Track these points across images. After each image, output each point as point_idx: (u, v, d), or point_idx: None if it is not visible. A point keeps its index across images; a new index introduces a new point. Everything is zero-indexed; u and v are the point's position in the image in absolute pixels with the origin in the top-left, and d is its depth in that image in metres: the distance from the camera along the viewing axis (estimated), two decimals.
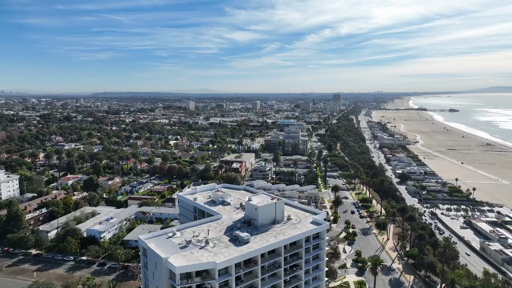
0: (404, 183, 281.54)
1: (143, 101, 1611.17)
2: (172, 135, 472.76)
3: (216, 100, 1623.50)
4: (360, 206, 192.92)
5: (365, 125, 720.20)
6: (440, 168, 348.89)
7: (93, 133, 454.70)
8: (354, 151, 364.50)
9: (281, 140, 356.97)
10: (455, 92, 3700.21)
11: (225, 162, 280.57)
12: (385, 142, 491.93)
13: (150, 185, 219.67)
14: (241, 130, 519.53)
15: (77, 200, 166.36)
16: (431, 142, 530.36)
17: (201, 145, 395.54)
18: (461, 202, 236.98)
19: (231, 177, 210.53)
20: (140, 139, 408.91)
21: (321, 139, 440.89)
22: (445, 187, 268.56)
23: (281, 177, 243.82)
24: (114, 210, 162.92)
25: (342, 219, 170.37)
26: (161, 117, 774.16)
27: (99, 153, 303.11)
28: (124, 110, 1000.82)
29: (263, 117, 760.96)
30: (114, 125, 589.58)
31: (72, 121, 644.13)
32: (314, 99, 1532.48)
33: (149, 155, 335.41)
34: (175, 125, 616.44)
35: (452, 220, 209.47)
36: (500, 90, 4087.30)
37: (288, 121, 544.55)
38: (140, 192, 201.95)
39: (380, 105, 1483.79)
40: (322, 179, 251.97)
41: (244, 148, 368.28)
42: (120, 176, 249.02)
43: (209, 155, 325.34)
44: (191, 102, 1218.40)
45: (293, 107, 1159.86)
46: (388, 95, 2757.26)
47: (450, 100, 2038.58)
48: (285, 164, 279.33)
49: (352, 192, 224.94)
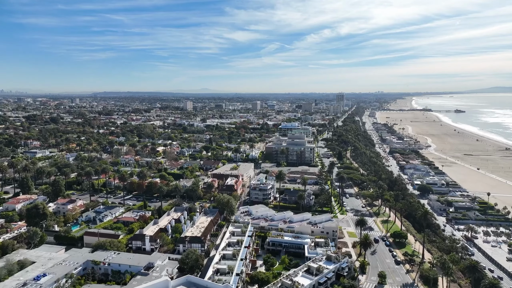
0: (425, 197, 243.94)
1: (141, 101, 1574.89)
2: (163, 139, 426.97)
3: (215, 100, 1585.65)
4: (391, 243, 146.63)
5: (371, 127, 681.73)
6: (462, 177, 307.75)
7: (72, 137, 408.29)
8: (367, 160, 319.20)
9: (284, 148, 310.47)
10: (457, 93, 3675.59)
11: (218, 176, 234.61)
12: (395, 147, 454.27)
13: (120, 209, 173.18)
14: (240, 134, 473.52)
15: (7, 243, 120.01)
16: (444, 146, 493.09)
17: (194, 151, 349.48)
18: (499, 222, 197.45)
19: (223, 201, 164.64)
20: (124, 145, 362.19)
21: (329, 145, 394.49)
22: (474, 203, 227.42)
23: (286, 197, 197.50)
24: (56, 256, 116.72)
25: (372, 267, 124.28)
26: (155, 119, 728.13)
27: (69, 163, 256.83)
28: (119, 110, 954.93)
29: (263, 119, 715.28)
30: (102, 128, 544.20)
31: (59, 122, 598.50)
32: (316, 100, 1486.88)
33: (132, 164, 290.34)
34: (169, 127, 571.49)
35: (493, 247, 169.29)
36: (501, 90, 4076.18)
37: (291, 125, 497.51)
38: (104, 221, 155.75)
39: (383, 105, 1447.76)
40: (336, 200, 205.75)
41: (242, 156, 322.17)
42: (89, 194, 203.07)
43: (200, 165, 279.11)
44: (189, 102, 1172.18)
45: (295, 107, 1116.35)
46: (389, 95, 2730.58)
47: (453, 101, 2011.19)
48: (290, 179, 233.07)
49: (376, 218, 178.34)
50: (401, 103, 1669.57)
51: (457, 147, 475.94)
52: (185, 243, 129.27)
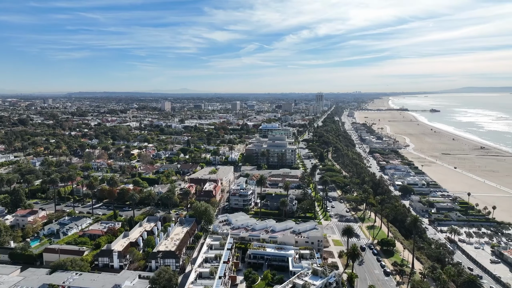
0: (407, 198, 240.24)
1: (118, 101, 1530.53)
2: (139, 141, 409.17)
3: (194, 101, 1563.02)
4: (379, 252, 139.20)
5: (350, 127, 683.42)
6: (441, 177, 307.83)
7: (41, 140, 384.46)
8: (349, 161, 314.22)
9: (265, 150, 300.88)
10: (431, 92, 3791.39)
11: (196, 181, 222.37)
12: (375, 147, 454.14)
13: (88, 221, 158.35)
14: (219, 135, 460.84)
15: None
16: (422, 145, 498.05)
17: (171, 154, 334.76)
18: (480, 223, 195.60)
19: (200, 209, 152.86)
20: (97, 148, 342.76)
21: (310, 146, 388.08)
22: (455, 203, 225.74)
23: (268, 203, 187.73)
24: (8, 280, 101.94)
25: (361, 279, 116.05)
26: (132, 120, 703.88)
27: (34, 169, 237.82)
28: (93, 111, 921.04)
29: (243, 119, 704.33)
30: (74, 129, 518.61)
31: (28, 124, 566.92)
32: (295, 100, 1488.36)
33: (104, 169, 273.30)
34: (146, 128, 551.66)
35: (476, 249, 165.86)
36: (472, 90, 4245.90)
37: (271, 126, 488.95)
38: (69, 235, 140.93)
39: (361, 105, 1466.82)
40: (320, 205, 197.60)
41: (221, 158, 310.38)
42: (54, 204, 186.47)
43: (177, 169, 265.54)
44: (167, 102, 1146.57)
45: (275, 108, 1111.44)
46: (367, 95, 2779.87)
47: (428, 100, 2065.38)
48: (272, 183, 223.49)
49: (362, 224, 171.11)
50: (378, 103, 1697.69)
51: (434, 147, 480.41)
52: (157, 259, 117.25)
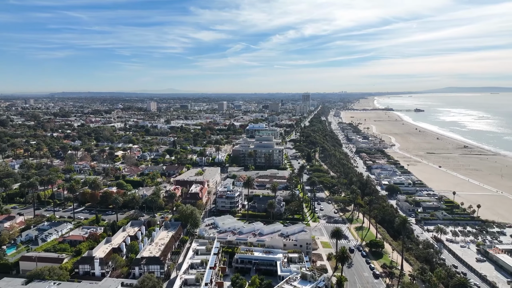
0: (394, 197, 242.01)
1: (103, 101, 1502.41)
2: (124, 142, 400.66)
3: (181, 101, 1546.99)
4: (368, 253, 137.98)
5: (337, 127, 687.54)
6: (427, 176, 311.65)
7: (21, 141, 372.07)
8: (336, 161, 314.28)
9: (252, 150, 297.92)
10: (415, 92, 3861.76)
11: (182, 183, 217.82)
12: (361, 146, 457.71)
13: (69, 226, 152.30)
14: (205, 136, 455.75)
15: None
16: (407, 145, 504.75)
17: (156, 155, 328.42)
18: (465, 222, 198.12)
19: (186, 212, 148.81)
20: (79, 149, 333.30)
21: (297, 146, 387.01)
22: (441, 202, 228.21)
23: (255, 205, 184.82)
24: None
25: (350, 282, 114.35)
26: (116, 120, 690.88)
27: (12, 172, 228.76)
28: (77, 112, 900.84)
29: (230, 119, 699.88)
30: (57, 131, 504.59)
31: (8, 125, 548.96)
32: (282, 100, 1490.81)
33: (87, 171, 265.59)
34: (130, 129, 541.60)
35: (462, 248, 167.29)
36: (454, 90, 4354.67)
37: (258, 126, 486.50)
38: (48, 241, 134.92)
39: (347, 105, 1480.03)
40: (308, 206, 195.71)
41: (208, 159, 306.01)
42: (33, 208, 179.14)
43: (162, 171, 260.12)
44: (152, 102, 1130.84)
45: (262, 108, 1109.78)
46: (352, 95, 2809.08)
47: (412, 100, 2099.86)
48: (259, 184, 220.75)
49: (350, 225, 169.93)
50: (364, 103, 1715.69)
51: (419, 146, 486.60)
52: (141, 266, 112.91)
